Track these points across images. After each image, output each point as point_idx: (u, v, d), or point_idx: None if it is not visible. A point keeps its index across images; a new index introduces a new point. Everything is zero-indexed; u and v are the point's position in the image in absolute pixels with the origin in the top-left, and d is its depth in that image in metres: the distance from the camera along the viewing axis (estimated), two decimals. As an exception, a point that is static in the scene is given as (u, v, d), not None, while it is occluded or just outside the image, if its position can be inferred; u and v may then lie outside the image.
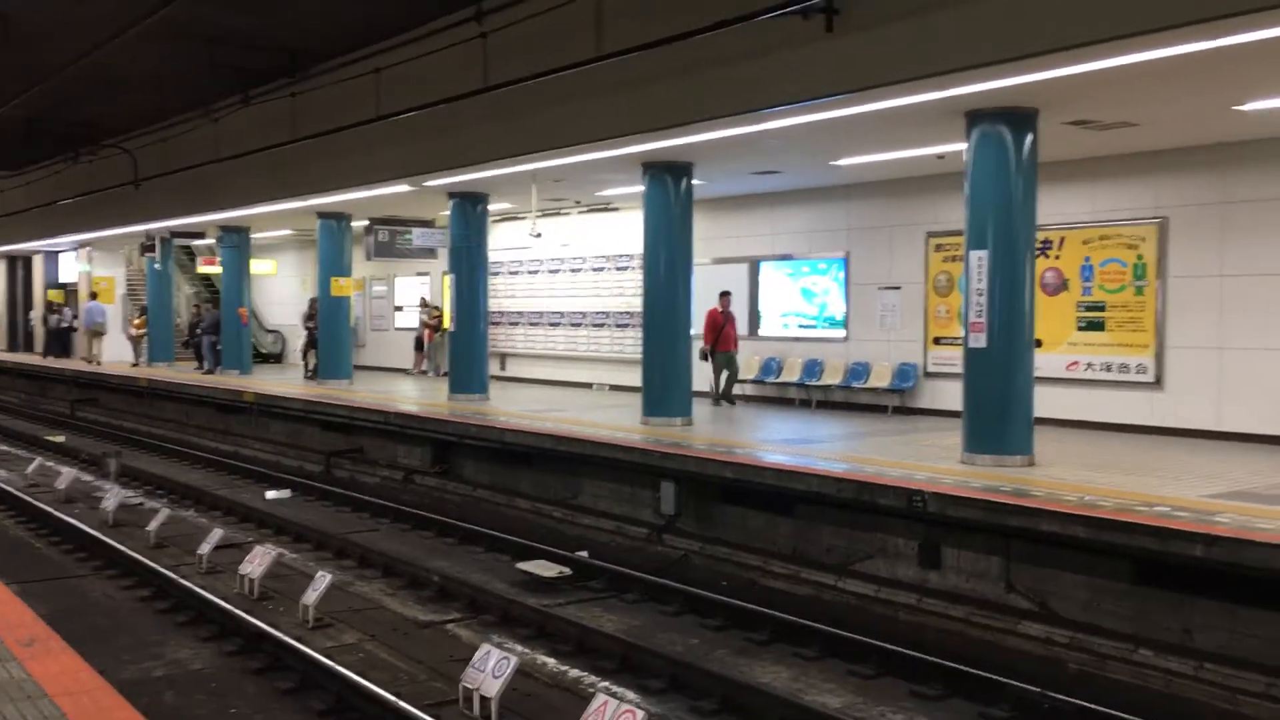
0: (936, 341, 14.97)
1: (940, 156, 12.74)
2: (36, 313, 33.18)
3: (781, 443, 12.42)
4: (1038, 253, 10.96)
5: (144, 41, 12.20)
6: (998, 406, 10.45)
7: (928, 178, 14.46)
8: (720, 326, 16.17)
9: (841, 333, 16.30)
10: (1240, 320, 12.15)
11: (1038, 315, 10.73)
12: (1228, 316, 12.26)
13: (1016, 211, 10.35)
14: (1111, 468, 10.28)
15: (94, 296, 29.29)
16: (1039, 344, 10.95)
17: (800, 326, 17.00)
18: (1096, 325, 13.31)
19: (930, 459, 10.77)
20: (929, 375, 15.07)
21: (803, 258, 16.87)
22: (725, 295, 16.44)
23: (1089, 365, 13.38)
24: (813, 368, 16.46)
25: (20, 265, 35.59)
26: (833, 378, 16.10)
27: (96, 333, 27.80)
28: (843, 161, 13.63)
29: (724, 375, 16.39)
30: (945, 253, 14.72)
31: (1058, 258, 13.58)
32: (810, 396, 16.45)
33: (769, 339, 17.25)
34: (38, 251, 33.12)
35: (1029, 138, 10.28)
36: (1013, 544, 8.74)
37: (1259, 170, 11.92)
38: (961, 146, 10.70)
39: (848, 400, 15.87)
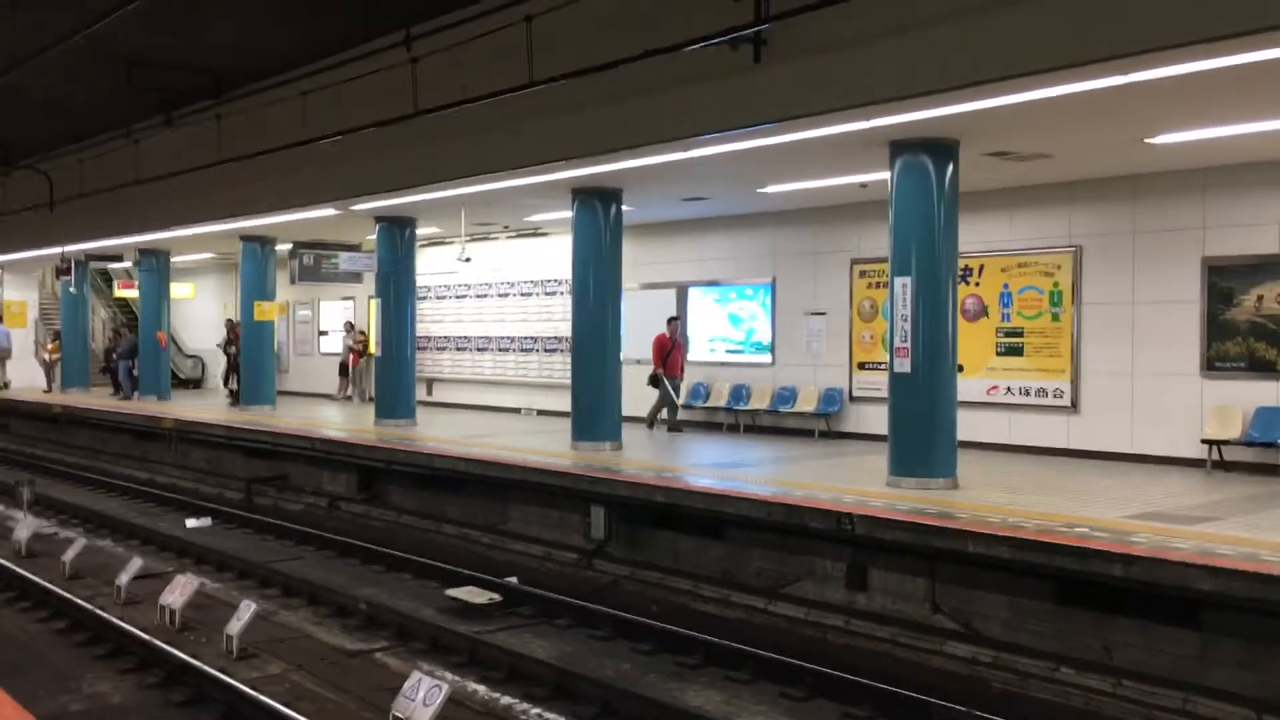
0: (861, 366, 15.21)
1: (864, 185, 13.00)
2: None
3: (711, 467, 12.50)
4: (959, 279, 11.22)
5: (62, 62, 11.96)
6: (922, 430, 10.65)
7: (852, 205, 14.73)
8: (668, 351, 16.20)
9: (768, 357, 16.48)
10: (1150, 346, 12.56)
11: (959, 340, 10.97)
12: (1139, 342, 12.66)
13: (939, 239, 10.60)
14: (1032, 489, 10.53)
15: None
16: (961, 369, 11.20)
17: (728, 351, 17.15)
18: (1015, 350, 13.65)
19: (857, 482, 10.92)
20: (854, 399, 15.30)
21: (730, 283, 17.05)
22: (673, 321, 16.50)
23: (1008, 389, 13.70)
24: (740, 392, 16.60)
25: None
26: (760, 402, 16.26)
27: (1, 358, 27.07)
28: (770, 189, 13.83)
29: (666, 401, 16.35)
30: (869, 279, 14.99)
31: (978, 284, 13.91)
32: (738, 421, 16.59)
33: (697, 364, 17.36)
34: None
35: (950, 168, 10.55)
36: (938, 565, 8.90)
37: (1167, 201, 12.37)
38: (885, 175, 10.94)
39: (775, 424, 16.04)
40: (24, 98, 15.43)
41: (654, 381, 16.14)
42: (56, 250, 23.11)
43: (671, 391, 16.24)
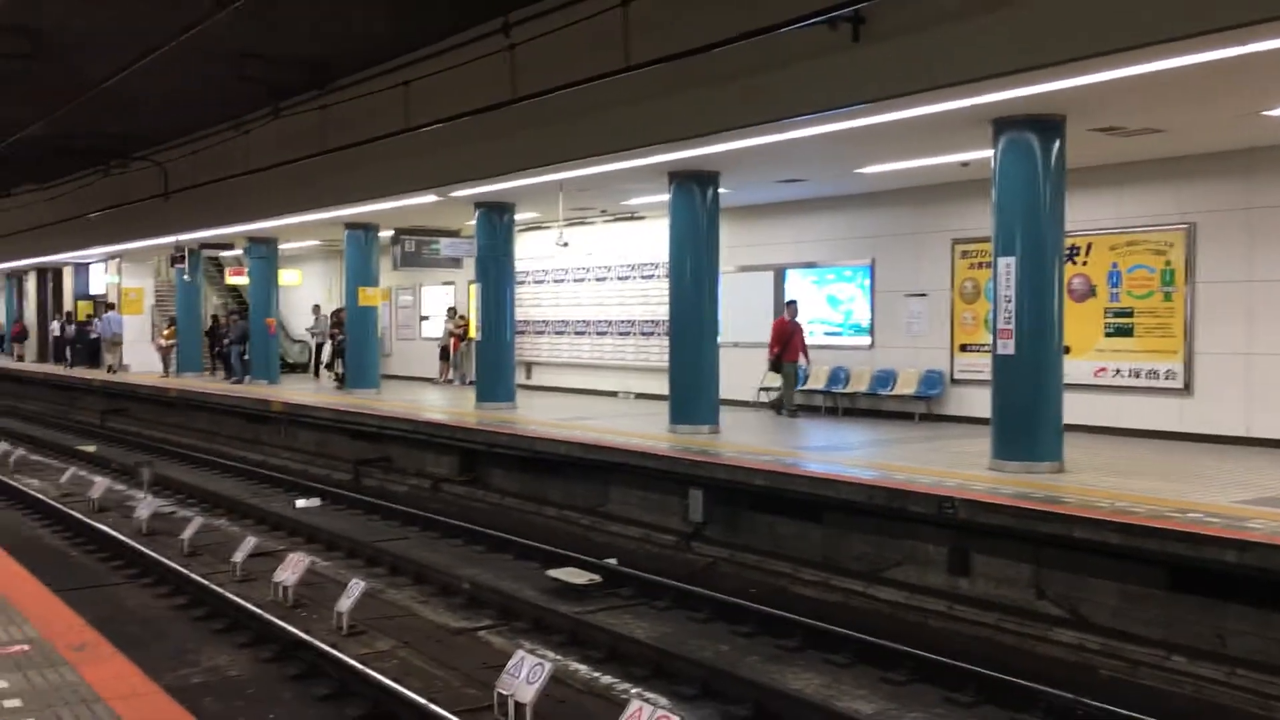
0: (963, 348, 14.97)
1: (965, 164, 12.77)
2: (57, 324, 33.56)
3: (809, 450, 12.45)
4: (1065, 259, 10.95)
5: (176, 57, 12.39)
6: (1027, 413, 10.45)
7: (953, 184, 14.48)
8: (789, 336, 15.95)
9: (867, 340, 16.32)
10: (1269, 326, 12.11)
11: (1065, 321, 10.73)
12: (1257, 322, 12.22)
13: (1044, 218, 10.37)
14: (1142, 474, 10.27)
15: (110, 308, 30.06)
16: (1067, 350, 10.95)
17: (826, 334, 17.02)
18: (1125, 331, 13.28)
19: (959, 466, 10.77)
20: (956, 382, 15.07)
21: (828, 265, 16.91)
22: (791, 304, 16.25)
23: (1117, 371, 13.34)
24: (838, 375, 16.47)
25: (50, 277, 36.00)
26: (859, 385, 16.12)
27: (114, 343, 28.45)
28: (868, 169, 13.67)
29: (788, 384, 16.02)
30: (971, 259, 14.73)
31: (1085, 263, 13.56)
32: (836, 404, 16.47)
33: (794, 346, 17.26)
34: (68, 264, 33.50)
35: (1056, 144, 10.30)
36: (1043, 551, 8.74)
37: (1287, 175, 11.90)
38: (988, 154, 10.73)
39: (874, 407, 15.88)
40: (140, 93, 15.97)
41: (775, 366, 15.95)
42: (171, 239, 23.95)
43: (790, 376, 15.97)
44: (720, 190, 14.07)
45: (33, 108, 15.72)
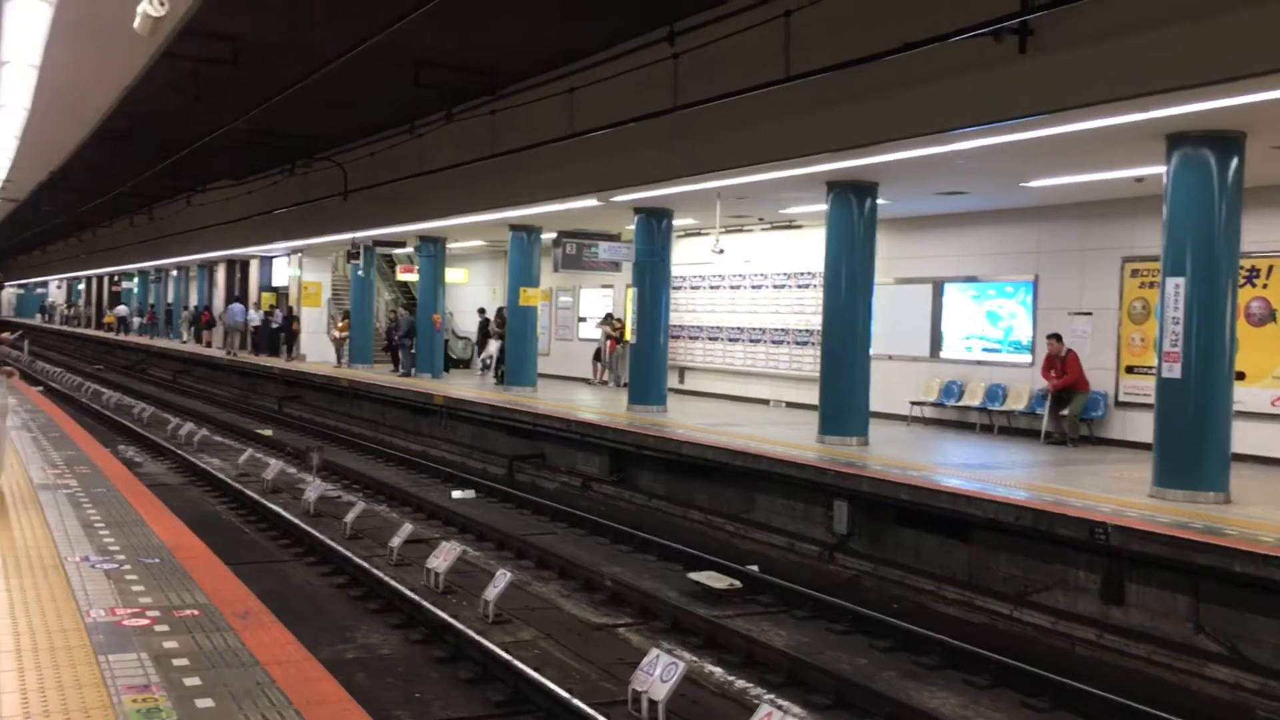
0: (1130, 370, 14.42)
1: (1139, 179, 12.32)
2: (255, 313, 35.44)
3: (959, 467, 12.23)
4: (1243, 281, 10.47)
5: (359, 63, 13.05)
6: (1191, 439, 10.04)
7: (1125, 200, 13.98)
8: (1062, 362, 14.60)
9: (1028, 358, 15.88)
10: None
11: (1241, 346, 10.25)
12: None
13: (1218, 238, 9.94)
14: (1317, 510, 9.73)
15: (236, 299, 34.65)
16: (1241, 376, 10.47)
17: (984, 350, 16.64)
18: (1307, 359, 12.58)
19: (1116, 491, 10.43)
20: (1121, 404, 14.53)
21: (989, 280, 16.53)
22: (1057, 338, 14.70)
23: (1297, 401, 12.65)
24: (995, 392, 16.09)
25: (238, 269, 38.14)
26: (1016, 403, 15.71)
27: (236, 330, 32.54)
28: (1033, 183, 13.34)
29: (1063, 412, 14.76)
30: (1142, 278, 14.18)
31: (1265, 287, 12.89)
32: (992, 421, 16.09)
33: (951, 361, 16.96)
34: (254, 256, 35.43)
35: (1234, 161, 9.87)
36: (1203, 583, 8.40)
37: None
38: (1160, 169, 10.35)
39: (1032, 427, 15.43)
40: (324, 97, 16.85)
41: (1062, 396, 14.55)
42: (348, 236, 25.12)
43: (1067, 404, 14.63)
44: (879, 201, 13.95)
45: (230, 109, 16.75)
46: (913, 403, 16.85)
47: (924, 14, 9.75)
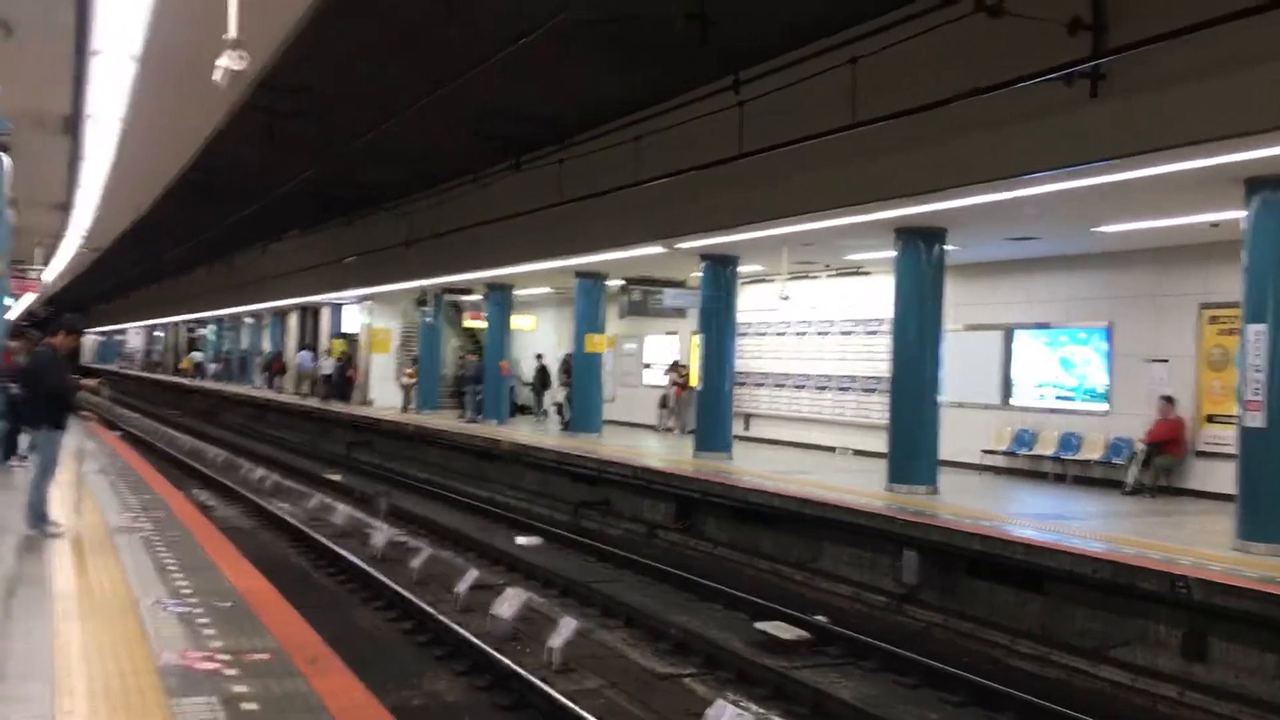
0: (1210, 419, 14.05)
1: (1215, 224, 12.07)
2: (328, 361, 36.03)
3: (1034, 517, 11.97)
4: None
5: (426, 114, 13.31)
6: (1277, 490, 9.72)
7: (1200, 245, 13.70)
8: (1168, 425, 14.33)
9: (1103, 406, 15.55)
10: None
11: (1327, 395, 9.93)
12: None
13: (1300, 284, 9.69)
14: None
15: (306, 348, 36.76)
16: (1326, 426, 10.12)
17: (1058, 398, 16.33)
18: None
19: (1197, 543, 10.12)
20: (1200, 454, 14.14)
21: (1061, 326, 16.26)
22: (1169, 400, 14.29)
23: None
24: (1069, 441, 15.76)
25: (310, 316, 38.84)
26: (1091, 452, 15.37)
27: (306, 376, 34.56)
28: (1106, 228, 13.13)
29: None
30: (1221, 325, 13.85)
31: (1351, 333, 12.49)
32: (1066, 471, 15.74)
33: (1023, 409, 16.66)
34: (325, 304, 36.08)
35: (1318, 206, 9.64)
36: (1290, 641, 8.10)
37: None
38: (1238, 214, 10.13)
39: (1107, 477, 15.08)
40: (390, 148, 17.21)
41: (1154, 451, 14.21)
42: (416, 284, 25.48)
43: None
44: (947, 247, 13.82)
45: (302, 160, 17.17)
46: (984, 450, 16.56)
47: (991, 59, 9.69)
